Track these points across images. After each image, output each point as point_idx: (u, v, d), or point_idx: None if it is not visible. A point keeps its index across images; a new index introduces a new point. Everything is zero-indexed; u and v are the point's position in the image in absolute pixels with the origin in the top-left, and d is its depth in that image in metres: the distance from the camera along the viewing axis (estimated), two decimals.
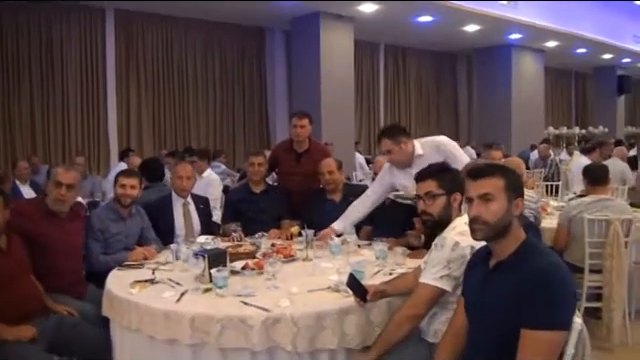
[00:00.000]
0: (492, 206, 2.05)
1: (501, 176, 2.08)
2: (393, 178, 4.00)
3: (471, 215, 2.10)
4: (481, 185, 2.08)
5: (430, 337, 2.57)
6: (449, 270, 2.44)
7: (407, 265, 3.28)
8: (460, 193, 2.63)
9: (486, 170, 2.12)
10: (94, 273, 3.75)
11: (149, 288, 3.01)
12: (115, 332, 3.03)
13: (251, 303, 2.64)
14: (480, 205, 2.07)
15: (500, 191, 2.05)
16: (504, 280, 2.00)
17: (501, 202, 2.05)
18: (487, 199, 2.06)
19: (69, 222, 3.60)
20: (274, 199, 4.77)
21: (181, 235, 4.24)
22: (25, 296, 3.08)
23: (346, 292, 2.73)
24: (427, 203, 2.69)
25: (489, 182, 2.07)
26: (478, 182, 2.09)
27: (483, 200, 2.06)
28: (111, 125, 10.93)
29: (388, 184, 4.06)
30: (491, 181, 2.07)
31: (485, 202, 2.06)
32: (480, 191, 2.08)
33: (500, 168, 2.15)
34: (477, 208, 2.07)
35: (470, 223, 2.11)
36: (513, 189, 2.07)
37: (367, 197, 4.15)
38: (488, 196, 2.06)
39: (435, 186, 2.68)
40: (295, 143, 4.97)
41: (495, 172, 2.09)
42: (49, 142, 10.24)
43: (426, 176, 2.75)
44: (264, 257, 3.42)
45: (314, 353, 2.59)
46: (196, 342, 2.55)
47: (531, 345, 1.88)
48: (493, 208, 2.05)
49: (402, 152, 3.82)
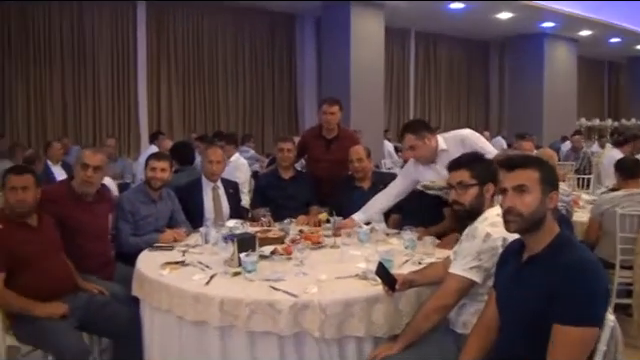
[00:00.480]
0: (526, 198, 2.01)
1: (536, 168, 2.04)
2: (417, 174, 3.94)
3: (505, 206, 2.07)
4: (516, 176, 2.05)
5: (459, 328, 2.55)
6: (479, 261, 2.42)
7: (436, 255, 3.26)
8: (493, 184, 2.60)
9: (521, 161, 2.08)
10: (123, 253, 3.80)
11: (179, 270, 3.04)
12: (145, 312, 3.08)
13: (279, 288, 2.66)
14: (514, 196, 2.04)
15: (535, 183, 2.02)
16: (537, 274, 1.98)
17: (535, 194, 2.01)
18: (522, 190, 2.02)
19: (96, 205, 3.64)
20: (302, 185, 4.78)
21: (210, 219, 4.28)
22: (56, 273, 3.15)
23: (374, 280, 2.72)
24: (459, 192, 2.65)
25: (524, 173, 2.04)
26: (513, 173, 2.06)
27: (517, 191, 2.03)
28: (142, 108, 11.04)
29: (412, 180, 4.00)
30: (526, 172, 2.04)
31: (519, 193, 2.02)
32: (514, 182, 2.04)
33: (536, 160, 2.11)
34: (511, 199, 2.04)
35: (504, 214, 2.08)
36: (548, 182, 2.04)
37: (391, 189, 4.11)
38: (523, 187, 2.02)
39: (468, 176, 2.63)
40: (324, 130, 4.97)
41: (530, 164, 2.06)
42: (80, 124, 10.38)
43: (459, 165, 2.70)
44: (292, 243, 3.43)
45: (341, 340, 2.59)
46: (224, 325, 2.58)
47: (563, 341, 1.86)
48: (527, 200, 2.01)
49: (426, 148, 3.74)
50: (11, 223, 3.06)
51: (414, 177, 3.97)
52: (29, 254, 3.03)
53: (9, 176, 3.08)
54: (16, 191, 3.03)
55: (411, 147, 3.75)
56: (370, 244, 3.56)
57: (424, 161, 3.83)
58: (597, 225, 4.40)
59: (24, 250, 3.02)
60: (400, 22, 13.36)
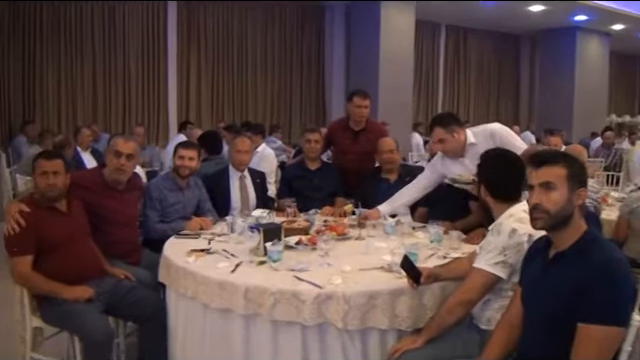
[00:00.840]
0: (553, 195, 1.99)
1: (564, 165, 2.01)
2: (445, 168, 3.90)
3: (532, 203, 2.04)
4: (543, 173, 2.02)
5: (483, 324, 2.54)
6: (504, 257, 2.40)
7: (462, 250, 3.24)
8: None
9: (549, 158, 2.05)
10: (151, 240, 3.86)
11: (205, 258, 3.07)
12: (170, 298, 3.13)
13: (304, 278, 2.67)
14: (541, 193, 2.01)
15: (562, 180, 1.99)
16: (563, 272, 1.95)
17: (562, 191, 1.99)
18: (548, 187, 2.00)
19: (126, 193, 3.69)
20: (329, 176, 4.79)
21: (237, 208, 4.32)
22: (84, 258, 3.20)
23: (399, 273, 2.72)
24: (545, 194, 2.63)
25: (551, 170, 2.01)
26: (540, 170, 2.03)
27: (544, 188, 2.00)
28: (171, 97, 11.14)
29: (439, 174, 3.97)
30: (553, 169, 2.01)
31: (546, 190, 2.00)
32: (541, 179, 2.02)
33: (564, 156, 2.07)
34: (538, 196, 2.02)
35: (530, 211, 2.06)
36: (576, 179, 2.01)
37: (417, 183, 4.10)
38: (550, 185, 2.00)
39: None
40: (352, 121, 4.96)
41: (558, 160, 2.03)
42: (110, 112, 10.50)
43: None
44: (317, 234, 3.44)
45: (364, 332, 2.60)
46: (249, 313, 2.60)
47: (588, 340, 1.84)
48: (554, 197, 1.99)
49: (455, 141, 3.72)
50: (40, 207, 3.11)
51: (441, 171, 3.94)
52: (58, 238, 3.09)
53: (40, 161, 3.13)
54: (47, 175, 3.08)
55: (440, 140, 3.73)
56: (396, 237, 3.55)
57: (452, 155, 3.80)
58: (626, 223, 4.33)
59: (53, 234, 3.07)
60: (431, 15, 13.25)
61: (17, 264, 2.98)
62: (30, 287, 3.03)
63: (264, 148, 6.28)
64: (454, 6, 12.27)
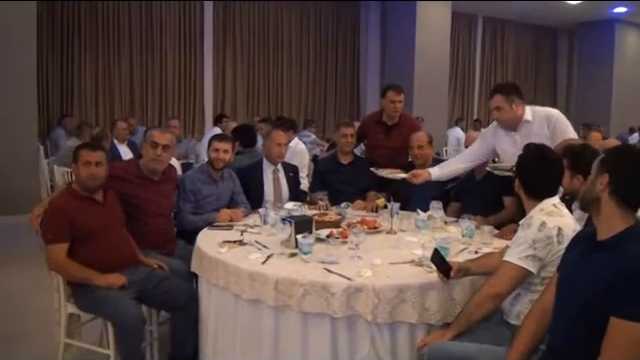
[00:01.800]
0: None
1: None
2: (495, 140, 3.90)
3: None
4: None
5: (512, 319, 2.52)
6: (534, 250, 2.38)
7: (494, 245, 3.22)
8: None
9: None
10: (185, 231, 3.91)
11: (237, 249, 3.11)
12: (202, 288, 3.18)
13: (334, 271, 2.68)
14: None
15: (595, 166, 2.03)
16: (602, 261, 1.91)
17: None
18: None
19: (162, 184, 3.77)
20: (361, 171, 4.77)
21: (270, 201, 4.35)
22: (118, 247, 3.28)
23: (429, 267, 2.72)
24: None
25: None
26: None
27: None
28: (207, 91, 11.27)
29: (489, 145, 3.96)
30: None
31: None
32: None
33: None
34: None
35: None
36: (604, 165, 2.00)
37: (468, 152, 4.12)
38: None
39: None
40: (386, 116, 4.94)
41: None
42: (147, 105, 10.68)
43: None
44: (349, 227, 3.45)
45: (394, 325, 2.60)
46: (279, 304, 2.63)
47: (619, 335, 1.81)
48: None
49: (511, 112, 3.70)
50: (77, 197, 3.20)
51: (491, 142, 3.94)
52: (94, 228, 3.17)
53: (82, 151, 3.22)
54: (90, 166, 3.17)
55: (497, 108, 3.73)
56: (427, 231, 3.54)
57: (506, 126, 3.80)
58: None
59: (89, 224, 3.15)
60: (467, 7, 13.10)
61: (52, 252, 3.07)
62: (64, 274, 3.12)
63: (297, 143, 6.29)
64: None
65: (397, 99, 4.81)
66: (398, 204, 3.84)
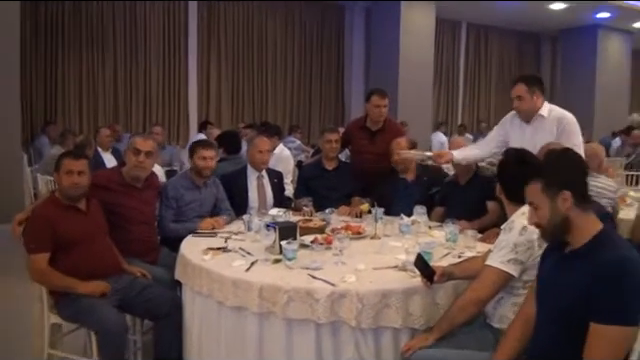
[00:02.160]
0: (539, 213, 2.06)
1: (537, 179, 2.07)
2: (509, 129, 3.97)
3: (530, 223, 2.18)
4: (527, 193, 2.12)
5: (495, 322, 2.53)
6: (515, 254, 2.40)
7: (477, 249, 3.23)
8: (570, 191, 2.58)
9: (528, 178, 2.12)
10: (168, 238, 3.90)
11: (221, 256, 3.10)
12: (186, 296, 3.17)
13: (318, 277, 2.68)
14: (532, 212, 2.11)
15: (540, 195, 2.04)
16: (576, 269, 1.95)
17: (544, 206, 2.04)
18: (534, 207, 2.08)
19: (145, 191, 3.76)
20: (346, 176, 4.79)
21: (254, 207, 4.35)
22: (101, 256, 3.26)
23: (413, 272, 2.73)
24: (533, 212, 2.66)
25: (530, 189, 2.10)
26: (526, 190, 2.13)
27: (532, 207, 2.10)
28: (191, 97, 11.22)
29: (503, 134, 4.02)
30: (531, 188, 2.09)
31: (534, 209, 2.09)
32: (527, 200, 2.12)
33: (536, 170, 2.13)
34: (531, 216, 2.13)
35: None
36: (553, 186, 2.01)
37: (485, 141, 4.21)
38: (533, 204, 2.08)
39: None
40: (370, 121, 4.95)
41: (532, 177, 2.10)
42: (131, 112, 10.60)
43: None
44: (333, 233, 3.45)
45: (377, 330, 2.61)
46: (263, 311, 2.62)
47: (599, 339, 1.83)
48: (539, 213, 2.06)
49: (531, 103, 3.77)
50: (60, 206, 3.18)
51: (505, 132, 4.01)
52: (77, 236, 3.14)
53: (65, 160, 3.20)
54: (72, 175, 3.15)
55: (518, 97, 3.79)
56: (411, 235, 3.56)
57: (523, 116, 3.85)
58: None
59: (72, 233, 3.13)
60: (451, 13, 13.19)
61: (34, 261, 3.04)
62: (46, 283, 3.09)
63: (281, 150, 6.29)
64: (474, 4, 12.20)
65: (381, 103, 4.83)
66: (382, 209, 3.85)
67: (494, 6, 12.32)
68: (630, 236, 4.27)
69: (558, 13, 12.86)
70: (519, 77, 3.88)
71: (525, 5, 12.18)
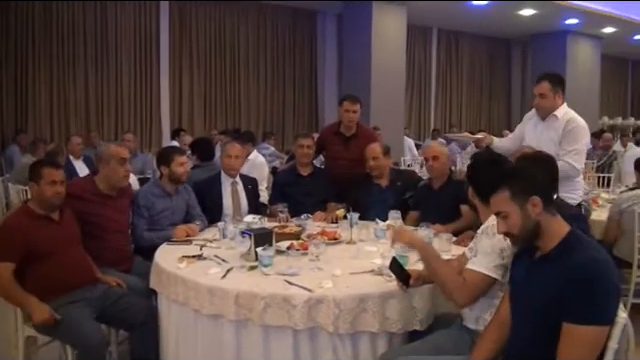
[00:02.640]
0: (509, 221, 2.07)
1: (504, 187, 2.07)
2: (526, 126, 4.13)
3: (499, 232, 2.16)
4: (493, 203, 2.12)
5: (471, 324, 2.54)
6: (503, 260, 2.40)
7: (452, 252, 3.26)
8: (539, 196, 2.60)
9: (493, 187, 2.11)
10: (143, 247, 3.85)
11: (196, 264, 3.08)
12: (162, 304, 3.13)
13: (295, 283, 2.68)
14: (500, 222, 2.11)
15: (508, 203, 2.05)
16: (547, 272, 1.98)
17: (514, 213, 2.04)
18: (502, 216, 2.08)
19: (118, 200, 3.72)
20: (321, 182, 4.79)
21: (229, 214, 4.32)
22: (75, 265, 3.21)
23: (389, 276, 2.73)
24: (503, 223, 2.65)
25: (497, 199, 2.09)
26: (491, 200, 2.13)
27: (501, 217, 2.10)
28: (163, 105, 11.15)
29: (522, 131, 4.18)
30: (498, 197, 2.09)
31: (502, 219, 2.09)
32: (494, 210, 2.13)
33: (503, 177, 2.11)
34: (500, 225, 2.11)
35: None
36: (521, 193, 2.03)
37: (513, 135, 4.37)
38: (502, 214, 2.08)
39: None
40: (343, 127, 4.97)
41: (499, 185, 2.09)
42: (103, 121, 10.51)
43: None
44: (309, 238, 3.45)
45: (355, 335, 2.61)
46: (240, 318, 2.61)
47: (572, 339, 1.86)
48: (510, 222, 2.06)
49: (552, 102, 3.90)
50: (33, 216, 3.13)
51: (525, 127, 4.16)
52: (50, 247, 3.09)
53: (47, 169, 3.16)
54: (55, 184, 3.13)
55: (541, 94, 3.90)
56: (386, 240, 3.54)
57: (542, 112, 3.97)
58: (615, 224, 4.36)
59: (44, 243, 3.08)
60: (422, 19, 13.32)
61: None
62: (4, 295, 3.01)
63: (256, 156, 6.29)
64: (446, 10, 12.32)
65: (351, 108, 4.86)
66: (357, 214, 3.86)
67: (464, 11, 12.46)
68: (603, 237, 4.35)
69: (527, 19, 13.07)
70: (544, 75, 4.00)
71: (495, 10, 12.35)
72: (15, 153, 8.55)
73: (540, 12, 12.49)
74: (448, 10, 12.42)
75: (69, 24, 10.00)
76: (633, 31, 14.68)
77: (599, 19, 13.23)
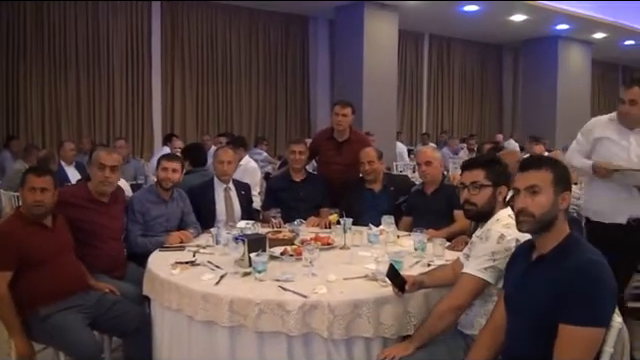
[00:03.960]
0: (538, 199, 2.03)
1: (549, 169, 2.05)
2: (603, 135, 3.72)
3: (518, 207, 2.07)
4: (528, 177, 2.06)
5: (467, 329, 2.55)
6: (494, 262, 2.41)
7: (446, 257, 3.26)
8: (506, 187, 2.61)
9: (535, 162, 2.09)
10: (136, 254, 3.84)
11: (189, 270, 3.06)
12: (155, 311, 3.12)
13: (289, 288, 2.67)
14: (526, 197, 2.05)
15: (547, 184, 2.03)
16: (544, 274, 1.98)
17: (548, 195, 2.02)
18: (534, 192, 2.03)
19: (112, 206, 3.69)
20: (314, 187, 4.78)
21: (222, 220, 4.29)
22: (68, 273, 3.18)
23: (383, 281, 2.73)
24: (472, 193, 2.63)
25: (537, 174, 2.05)
26: (526, 174, 2.07)
27: (530, 192, 2.04)
28: (155, 110, 11.10)
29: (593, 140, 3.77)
30: (539, 173, 2.05)
31: (532, 194, 2.04)
32: (527, 183, 2.06)
33: (549, 161, 2.11)
34: (523, 200, 2.05)
35: (516, 214, 2.09)
36: (561, 182, 2.04)
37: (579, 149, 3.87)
38: (535, 188, 2.03)
39: (482, 176, 2.61)
40: (336, 132, 4.98)
41: (543, 165, 2.07)
42: (95, 126, 10.43)
43: (474, 165, 2.68)
44: (302, 244, 3.44)
45: (350, 341, 2.60)
46: (234, 325, 2.59)
47: (568, 340, 1.87)
48: (539, 201, 2.02)
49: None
50: (26, 223, 3.10)
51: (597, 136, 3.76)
52: (43, 254, 3.07)
53: (29, 176, 3.12)
54: (34, 192, 3.07)
55: (632, 101, 3.55)
56: (380, 245, 3.56)
57: (630, 121, 3.62)
58: None
59: (38, 250, 3.05)
60: (414, 25, 13.34)
61: None
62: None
63: (248, 161, 6.28)
64: (437, 15, 12.38)
65: (341, 112, 4.87)
66: (350, 219, 3.86)
67: (455, 17, 12.51)
68: None
69: (519, 24, 13.13)
70: (636, 79, 3.65)
71: (486, 16, 12.41)
72: (7, 159, 8.50)
73: (531, 18, 12.55)
74: (439, 15, 12.47)
75: (60, 29, 9.92)
76: (623, 36, 14.78)
77: (589, 25, 13.31)
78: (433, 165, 4.20)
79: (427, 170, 4.21)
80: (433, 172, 4.21)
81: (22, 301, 3.00)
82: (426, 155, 4.27)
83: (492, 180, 2.60)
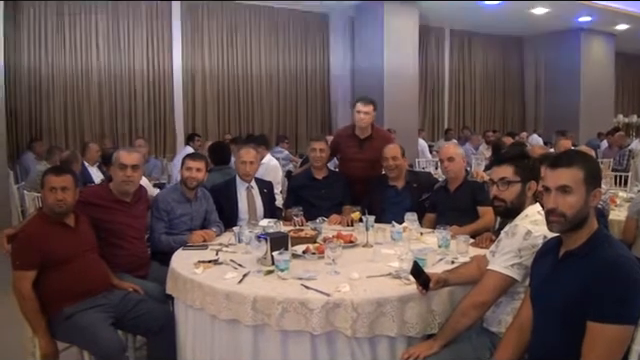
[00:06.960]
0: (570, 199, 1.96)
1: (581, 167, 1.97)
2: None
3: (548, 206, 2.01)
4: (559, 176, 1.99)
5: (494, 327, 2.52)
6: (520, 259, 2.38)
7: (470, 254, 3.22)
8: (536, 182, 2.57)
9: (566, 160, 2.01)
10: (159, 253, 3.85)
11: (212, 269, 3.07)
12: (179, 310, 3.12)
13: (312, 287, 2.66)
14: (558, 197, 1.98)
15: (579, 183, 1.96)
16: (572, 270, 1.94)
17: (579, 195, 1.96)
18: (565, 191, 1.97)
19: (134, 206, 3.71)
20: (336, 185, 4.77)
21: (245, 218, 4.31)
22: (91, 272, 3.21)
23: (407, 279, 2.71)
24: (501, 189, 2.61)
25: (568, 173, 1.97)
26: (557, 172, 2.00)
27: (561, 192, 1.97)
28: (177, 110, 11.13)
29: None
30: (570, 172, 1.97)
31: (563, 194, 1.97)
32: (558, 182, 1.98)
33: (580, 158, 2.02)
34: (555, 200, 1.98)
35: (546, 214, 2.03)
36: (592, 180, 1.98)
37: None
38: (566, 188, 1.96)
39: (511, 172, 2.59)
40: (358, 129, 4.94)
41: (575, 162, 1.98)
42: (117, 126, 10.50)
43: (503, 161, 2.65)
44: (325, 242, 3.43)
45: (373, 339, 2.58)
46: (257, 323, 2.59)
47: (598, 338, 1.83)
48: (571, 201, 1.96)
49: None
50: (49, 223, 3.13)
51: None
52: (66, 253, 3.09)
53: (48, 176, 3.14)
54: (55, 191, 3.10)
55: None
56: (403, 242, 3.53)
57: None
58: (634, 224, 4.28)
59: (60, 249, 3.08)
60: (434, 20, 13.26)
61: (18, 278, 2.99)
62: (21, 305, 3.01)
63: (269, 159, 6.29)
64: (458, 10, 12.28)
65: (363, 110, 4.82)
66: (373, 217, 3.84)
67: (476, 12, 12.40)
68: (621, 237, 4.29)
69: (540, 17, 12.97)
70: None
71: (507, 10, 12.27)
72: (30, 160, 8.59)
73: (553, 10, 12.38)
74: (460, 10, 12.35)
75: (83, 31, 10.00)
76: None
77: (612, 16, 13.10)
78: (455, 161, 4.16)
79: (450, 166, 4.17)
80: (456, 168, 4.17)
81: (46, 300, 3.03)
82: (448, 151, 4.23)
83: (521, 176, 2.59)
